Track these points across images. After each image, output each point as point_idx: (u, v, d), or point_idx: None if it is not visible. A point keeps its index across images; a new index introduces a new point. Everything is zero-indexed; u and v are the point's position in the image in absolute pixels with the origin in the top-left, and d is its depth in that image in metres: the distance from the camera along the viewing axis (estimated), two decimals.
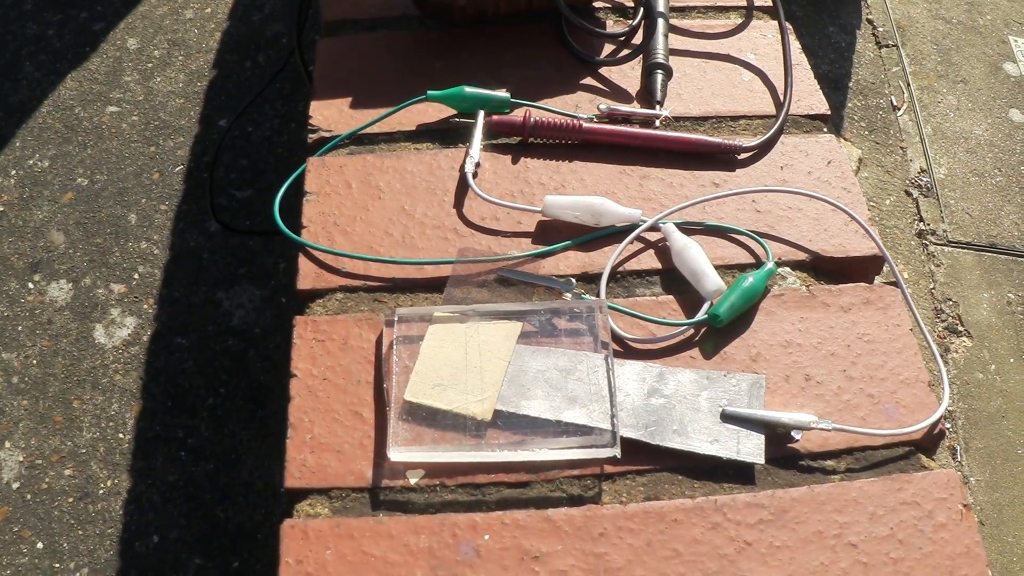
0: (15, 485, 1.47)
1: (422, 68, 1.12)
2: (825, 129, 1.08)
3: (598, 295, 0.91)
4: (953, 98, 2.19)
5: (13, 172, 1.82)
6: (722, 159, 1.04)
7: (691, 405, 0.85)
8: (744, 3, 1.21)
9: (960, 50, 2.29)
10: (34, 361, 1.59)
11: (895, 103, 2.16)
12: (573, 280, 0.91)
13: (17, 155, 1.84)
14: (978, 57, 2.28)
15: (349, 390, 0.85)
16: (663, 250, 0.95)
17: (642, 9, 1.14)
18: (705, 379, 0.87)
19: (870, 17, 2.31)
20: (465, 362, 0.85)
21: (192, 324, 1.64)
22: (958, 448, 1.69)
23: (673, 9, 1.20)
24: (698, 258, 0.92)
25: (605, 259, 0.94)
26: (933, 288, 1.86)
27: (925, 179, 2.03)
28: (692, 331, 0.90)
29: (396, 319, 0.87)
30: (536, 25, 1.16)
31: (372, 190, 0.99)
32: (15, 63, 2.01)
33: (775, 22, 1.19)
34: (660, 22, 1.13)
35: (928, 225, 1.95)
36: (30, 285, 1.67)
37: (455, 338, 0.86)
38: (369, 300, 0.91)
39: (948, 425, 1.74)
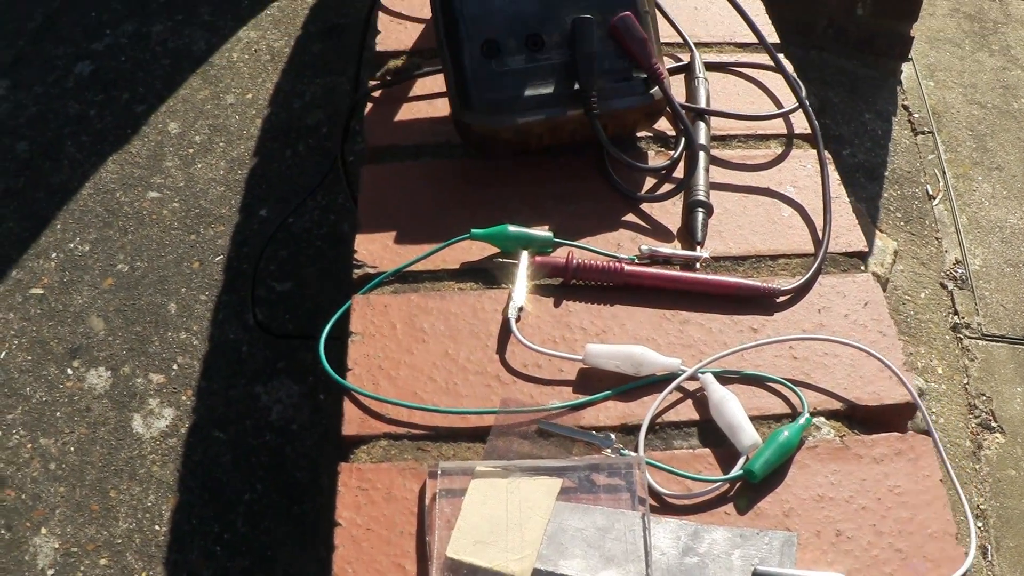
0: (50, 572, 1.49)
1: (465, 200, 1.13)
2: (862, 267, 1.09)
3: (636, 449, 0.92)
4: (988, 186, 2.19)
5: (54, 255, 1.85)
6: (761, 302, 1.05)
7: (724, 564, 0.86)
8: (784, 131, 1.23)
9: (995, 136, 2.30)
10: (72, 448, 1.61)
11: (930, 192, 2.16)
12: (612, 436, 0.92)
13: (58, 237, 1.87)
14: (1012, 143, 2.29)
15: (392, 541, 0.86)
16: (701, 400, 0.96)
17: (683, 140, 1.16)
18: (738, 537, 0.87)
19: (906, 103, 2.32)
20: (506, 518, 0.86)
21: (230, 418, 1.66)
22: (989, 547, 1.69)
23: (714, 138, 1.21)
24: (735, 412, 0.93)
25: (644, 409, 0.95)
26: (967, 383, 1.86)
27: (960, 271, 2.03)
28: (728, 486, 0.91)
29: (439, 472, 0.89)
30: (578, 157, 1.18)
31: (416, 332, 1.01)
32: (56, 142, 2.04)
33: (815, 150, 1.20)
34: (701, 155, 1.15)
35: (963, 318, 1.96)
36: (69, 371, 1.70)
37: (497, 493, 0.87)
38: (412, 448, 0.93)
39: (979, 524, 1.73)
